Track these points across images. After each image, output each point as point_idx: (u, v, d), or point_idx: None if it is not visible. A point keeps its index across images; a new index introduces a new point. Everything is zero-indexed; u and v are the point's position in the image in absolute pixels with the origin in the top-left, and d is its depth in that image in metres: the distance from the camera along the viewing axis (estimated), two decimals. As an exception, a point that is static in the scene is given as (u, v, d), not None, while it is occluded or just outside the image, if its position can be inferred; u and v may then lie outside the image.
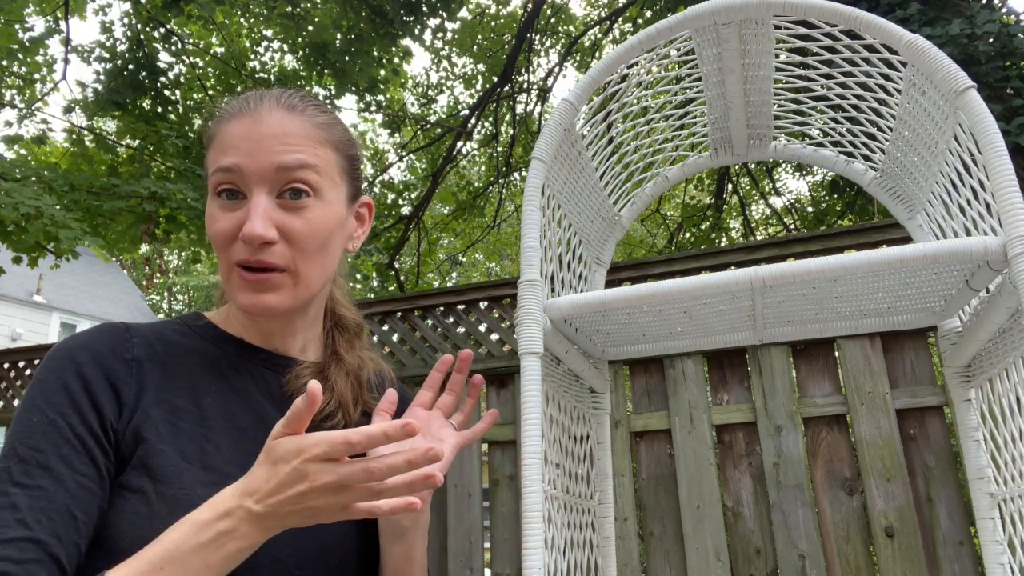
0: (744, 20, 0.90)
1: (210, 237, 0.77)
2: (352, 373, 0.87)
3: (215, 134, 0.78)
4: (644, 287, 0.83)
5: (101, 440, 0.67)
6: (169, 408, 0.72)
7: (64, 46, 5.84)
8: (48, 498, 0.62)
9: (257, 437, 0.75)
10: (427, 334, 2.72)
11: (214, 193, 0.76)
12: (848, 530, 1.95)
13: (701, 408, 2.18)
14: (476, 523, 2.38)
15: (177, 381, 0.75)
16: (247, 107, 0.77)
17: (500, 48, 7.89)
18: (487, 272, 15.45)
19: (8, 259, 4.04)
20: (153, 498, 0.67)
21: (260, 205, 0.72)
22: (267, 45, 7.77)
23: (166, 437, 0.70)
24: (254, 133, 0.74)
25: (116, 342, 0.74)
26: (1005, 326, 0.84)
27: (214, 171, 0.75)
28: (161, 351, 0.76)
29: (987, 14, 3.06)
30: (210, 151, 0.78)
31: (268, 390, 0.81)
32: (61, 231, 3.42)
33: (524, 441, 0.80)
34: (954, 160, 0.84)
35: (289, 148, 0.74)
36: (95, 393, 0.69)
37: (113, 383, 0.70)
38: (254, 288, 0.74)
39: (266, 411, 0.79)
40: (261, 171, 0.73)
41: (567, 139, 0.96)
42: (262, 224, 0.71)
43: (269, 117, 0.75)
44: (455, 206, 8.54)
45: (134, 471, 0.68)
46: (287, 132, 0.75)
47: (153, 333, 0.78)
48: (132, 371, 0.72)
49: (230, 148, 0.75)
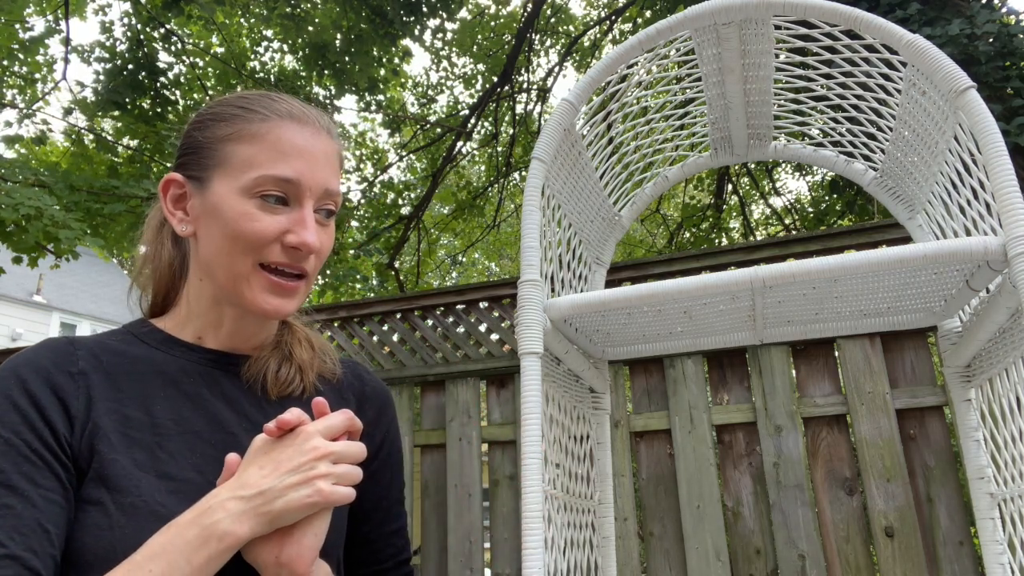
0: (744, 20, 0.90)
1: (237, 234, 0.74)
2: (303, 338, 0.89)
3: (260, 132, 0.76)
4: (644, 287, 0.83)
5: (58, 454, 0.67)
6: (119, 418, 0.72)
7: (64, 46, 5.84)
8: (17, 515, 0.63)
9: (212, 440, 0.76)
10: (427, 334, 2.72)
11: (251, 192, 0.74)
12: (848, 530, 1.95)
13: (701, 408, 2.18)
14: (476, 523, 2.38)
15: (125, 391, 0.74)
16: (303, 116, 0.78)
17: (500, 48, 7.89)
18: (487, 272, 15.45)
19: (8, 259, 4.04)
20: (112, 508, 0.67)
21: (311, 217, 0.76)
22: (267, 45, 7.77)
23: (118, 447, 0.70)
24: (312, 148, 0.77)
25: (60, 356, 0.73)
26: (1005, 326, 0.84)
27: (266, 175, 0.74)
28: (107, 361, 0.76)
29: (987, 14, 3.06)
30: (246, 145, 0.76)
31: (221, 391, 0.80)
32: (61, 232, 3.42)
33: (524, 441, 0.80)
34: (954, 160, 0.84)
35: (333, 173, 0.80)
36: (44, 408, 0.68)
37: (61, 397, 0.70)
38: (283, 293, 0.77)
39: (220, 413, 0.78)
40: (316, 187, 0.77)
41: (567, 139, 0.96)
42: (315, 237, 0.76)
43: (323, 135, 0.79)
44: (455, 206, 8.55)
45: (91, 483, 0.68)
46: (333, 154, 0.80)
47: (98, 345, 0.77)
48: (79, 384, 0.72)
49: (289, 156, 0.75)
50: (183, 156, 0.81)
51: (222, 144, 0.77)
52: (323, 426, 0.70)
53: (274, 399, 0.82)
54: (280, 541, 0.67)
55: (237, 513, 0.65)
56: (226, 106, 0.80)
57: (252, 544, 0.67)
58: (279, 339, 0.87)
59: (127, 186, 4.14)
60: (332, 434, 0.71)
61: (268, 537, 0.67)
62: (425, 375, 2.61)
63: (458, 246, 11.53)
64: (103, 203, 4.05)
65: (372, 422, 0.90)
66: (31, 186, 3.66)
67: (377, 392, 0.95)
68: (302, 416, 0.71)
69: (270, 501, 0.65)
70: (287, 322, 0.90)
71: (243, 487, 0.66)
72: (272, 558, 0.67)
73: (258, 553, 0.67)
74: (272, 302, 0.76)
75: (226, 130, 0.77)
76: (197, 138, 0.79)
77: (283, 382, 0.83)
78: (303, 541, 0.67)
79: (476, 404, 2.52)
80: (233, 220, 0.74)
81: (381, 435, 0.92)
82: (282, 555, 0.66)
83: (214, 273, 0.78)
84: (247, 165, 0.75)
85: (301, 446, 0.68)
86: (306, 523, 0.68)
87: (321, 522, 0.69)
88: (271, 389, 0.82)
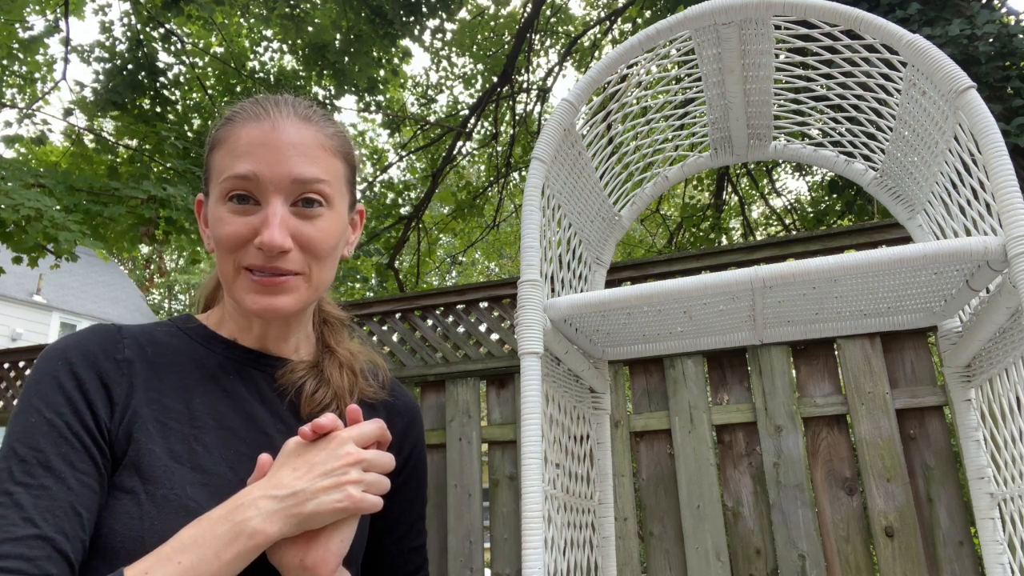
0: (744, 20, 0.90)
1: (216, 240, 0.76)
2: (346, 364, 0.89)
3: (226, 136, 0.78)
4: (644, 287, 0.83)
5: (97, 438, 0.68)
6: (159, 408, 0.73)
7: (64, 46, 5.84)
8: (52, 496, 0.63)
9: (247, 437, 0.76)
10: (427, 334, 2.72)
11: (223, 197, 0.76)
12: (848, 530, 1.95)
13: (701, 408, 2.18)
14: (476, 523, 2.38)
15: (167, 382, 0.75)
16: (262, 112, 0.77)
17: (500, 48, 7.89)
18: (487, 272, 15.44)
19: (8, 259, 4.04)
20: (143, 498, 0.67)
21: (277, 214, 0.74)
22: (267, 45, 7.77)
23: (155, 437, 0.71)
24: (271, 140, 0.75)
25: (107, 343, 0.74)
26: (1005, 326, 0.84)
27: (227, 176, 0.75)
28: (151, 352, 0.77)
29: (987, 14, 3.06)
30: (218, 152, 0.78)
31: (258, 391, 0.81)
32: (61, 233, 3.42)
33: (524, 441, 0.80)
34: (954, 160, 0.84)
35: (305, 159, 0.76)
36: (89, 392, 0.69)
37: (105, 383, 0.71)
38: (265, 291, 0.75)
39: (256, 412, 0.79)
40: (278, 180, 0.74)
41: (567, 139, 0.96)
42: (280, 234, 0.73)
43: (286, 125, 0.76)
44: (455, 206, 8.54)
45: (125, 471, 0.69)
46: (303, 142, 0.76)
47: (143, 335, 0.78)
48: (123, 371, 0.73)
49: (245, 154, 0.75)
50: None
51: (208, 157, 0.80)
52: (356, 433, 0.71)
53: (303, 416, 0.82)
54: (306, 544, 0.67)
55: (269, 512, 0.65)
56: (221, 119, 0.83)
57: (278, 546, 0.67)
58: (318, 360, 0.87)
59: (127, 187, 4.14)
60: (364, 442, 0.71)
61: (294, 540, 0.67)
62: (425, 375, 2.61)
63: (458, 246, 11.52)
64: (103, 204, 4.05)
65: (401, 435, 0.91)
66: (31, 187, 3.66)
67: (408, 407, 0.95)
68: (336, 422, 0.71)
69: (302, 503, 0.66)
70: (329, 345, 0.90)
71: (276, 487, 0.67)
72: (297, 561, 0.67)
73: (283, 555, 0.67)
74: (260, 301, 0.75)
75: (209, 143, 0.81)
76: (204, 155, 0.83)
77: (316, 403, 0.83)
78: (329, 546, 0.68)
79: (476, 404, 2.52)
80: (214, 227, 0.77)
81: (409, 449, 0.93)
82: (307, 558, 0.67)
83: (221, 280, 0.80)
84: (218, 171, 0.77)
85: (335, 451, 0.69)
86: (333, 528, 0.68)
87: (348, 528, 0.70)
88: (303, 407, 0.82)
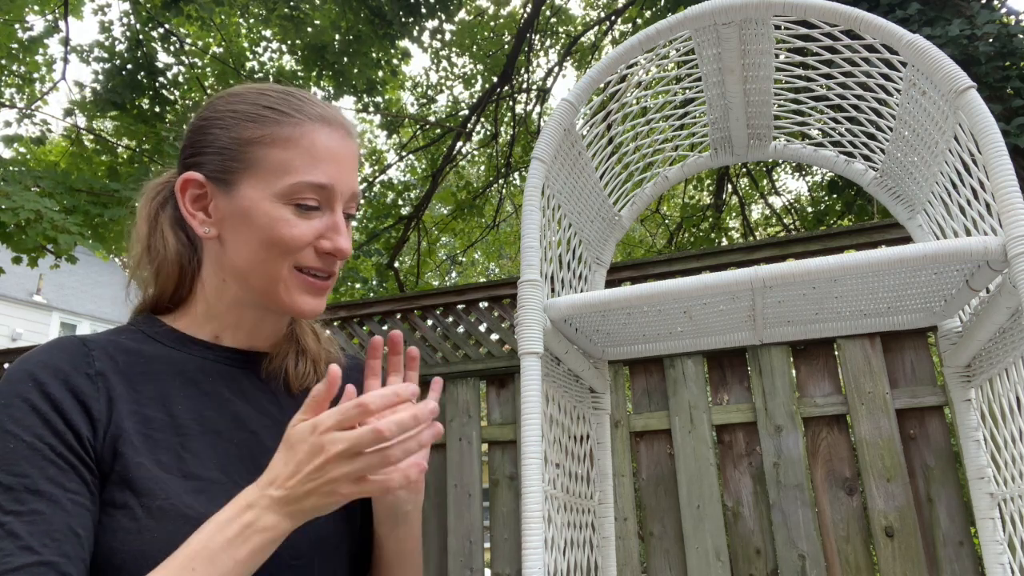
0: (744, 20, 0.90)
1: (271, 239, 0.73)
2: (308, 327, 0.90)
3: (297, 136, 0.74)
4: (644, 287, 0.83)
5: (83, 457, 0.66)
6: (140, 419, 0.70)
7: (63, 46, 5.84)
8: (47, 520, 0.61)
9: (235, 439, 0.75)
10: (427, 334, 2.72)
11: (289, 198, 0.73)
12: (848, 530, 1.95)
13: (701, 408, 2.18)
14: (476, 523, 2.38)
15: (143, 391, 0.73)
16: (332, 119, 0.78)
17: (499, 48, 7.88)
18: (487, 272, 15.44)
19: (8, 259, 4.04)
20: (139, 512, 0.66)
21: (343, 223, 0.78)
22: (266, 45, 7.77)
23: (141, 449, 0.69)
24: (342, 152, 0.77)
25: (76, 357, 0.71)
26: (1005, 326, 0.84)
27: (302, 181, 0.73)
28: (123, 362, 0.74)
29: (987, 14, 3.06)
30: (281, 149, 0.74)
31: (240, 389, 0.79)
32: (60, 235, 3.42)
33: (524, 441, 0.80)
34: (954, 160, 0.84)
35: (355, 175, 0.80)
36: (66, 412, 0.66)
37: (81, 400, 0.68)
38: (317, 293, 0.79)
39: (241, 411, 0.78)
40: (345, 193, 0.78)
41: (567, 139, 0.96)
42: (348, 243, 0.78)
43: (348, 138, 0.79)
44: (455, 206, 8.54)
45: (115, 487, 0.67)
46: (356, 156, 0.80)
47: (111, 344, 0.75)
48: (98, 385, 0.70)
49: (323, 162, 0.75)
50: (201, 155, 0.77)
51: (252, 147, 0.75)
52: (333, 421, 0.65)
53: (295, 393, 0.84)
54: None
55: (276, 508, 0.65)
56: (250, 104, 0.77)
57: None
58: (290, 332, 0.89)
59: (127, 188, 4.14)
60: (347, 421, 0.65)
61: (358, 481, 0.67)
62: (425, 375, 2.61)
63: (458, 246, 11.52)
64: (103, 205, 4.05)
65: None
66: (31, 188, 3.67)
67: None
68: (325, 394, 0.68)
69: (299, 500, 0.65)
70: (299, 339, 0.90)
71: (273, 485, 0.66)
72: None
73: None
74: (309, 303, 0.78)
75: (255, 132, 0.75)
76: (221, 137, 0.76)
77: (301, 376, 0.85)
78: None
79: (476, 404, 2.52)
80: (268, 226, 0.73)
81: None
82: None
83: (246, 277, 0.76)
84: (282, 170, 0.74)
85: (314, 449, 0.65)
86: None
87: None
88: (292, 384, 0.84)
